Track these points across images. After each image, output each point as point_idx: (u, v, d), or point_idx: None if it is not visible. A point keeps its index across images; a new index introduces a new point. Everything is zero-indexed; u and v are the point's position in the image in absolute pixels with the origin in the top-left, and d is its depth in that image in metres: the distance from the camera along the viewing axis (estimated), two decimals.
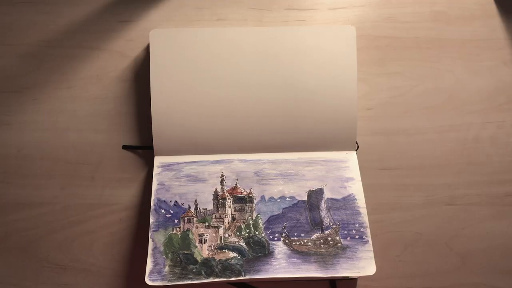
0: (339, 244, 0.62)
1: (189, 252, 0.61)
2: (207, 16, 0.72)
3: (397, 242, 0.65)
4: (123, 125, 0.68)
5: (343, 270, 0.60)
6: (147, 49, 0.70)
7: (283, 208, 0.64)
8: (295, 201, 0.64)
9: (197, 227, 0.62)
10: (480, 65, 0.72)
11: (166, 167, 0.65)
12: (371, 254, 0.61)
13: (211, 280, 0.59)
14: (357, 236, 0.62)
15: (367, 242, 0.62)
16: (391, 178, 0.67)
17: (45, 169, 0.66)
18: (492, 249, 0.65)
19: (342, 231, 0.62)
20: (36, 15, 0.71)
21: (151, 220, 0.62)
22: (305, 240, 0.62)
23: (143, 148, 0.67)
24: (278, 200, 0.64)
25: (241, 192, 0.64)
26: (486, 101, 0.71)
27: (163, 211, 0.63)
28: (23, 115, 0.68)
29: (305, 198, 0.64)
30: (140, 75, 0.70)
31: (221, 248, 0.61)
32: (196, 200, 0.64)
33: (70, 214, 0.64)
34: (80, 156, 0.67)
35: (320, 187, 0.65)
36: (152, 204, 0.63)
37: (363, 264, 0.60)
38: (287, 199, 0.64)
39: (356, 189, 0.65)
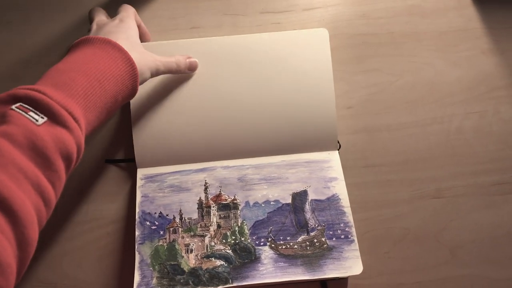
0: (325, 245, 0.61)
1: (176, 262, 0.60)
2: (182, 25, 0.71)
3: (386, 239, 0.64)
4: (105, 139, 0.68)
5: (330, 271, 0.59)
6: None
7: (268, 213, 0.63)
8: (280, 205, 0.63)
9: (183, 237, 0.62)
10: (458, 56, 0.71)
11: (149, 178, 0.65)
12: (357, 253, 0.60)
13: None
14: (342, 236, 0.61)
15: (352, 241, 0.61)
16: (376, 175, 0.67)
17: None
18: (481, 240, 0.64)
19: (328, 232, 0.62)
20: (9, 35, 0.70)
21: (137, 233, 0.62)
22: (291, 243, 0.61)
23: (126, 161, 0.67)
24: (263, 205, 0.63)
25: (226, 199, 0.64)
26: (467, 92, 0.70)
27: (148, 223, 0.62)
28: None
29: (289, 201, 0.64)
30: None
31: (207, 256, 0.61)
32: (180, 210, 0.63)
33: (57, 232, 0.64)
34: None
35: (304, 189, 0.64)
36: (137, 217, 0.62)
37: (349, 263, 0.60)
38: (272, 203, 0.64)
39: (340, 188, 0.64)
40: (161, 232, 0.62)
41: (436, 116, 0.69)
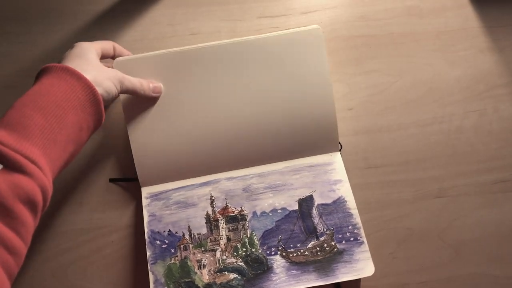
0: (335, 249, 0.61)
1: (190, 279, 0.60)
2: (180, 32, 0.71)
3: (390, 240, 0.64)
4: (109, 156, 0.67)
5: (342, 275, 0.59)
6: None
7: (276, 221, 0.62)
8: (287, 212, 0.63)
9: (194, 253, 0.61)
10: (457, 55, 0.71)
11: (154, 197, 0.64)
12: (368, 254, 0.60)
13: None
14: (352, 238, 0.61)
15: (362, 243, 0.61)
16: (378, 176, 0.66)
17: None
18: (485, 238, 0.64)
19: (337, 235, 0.61)
20: (9, 46, 0.69)
21: (148, 253, 0.61)
22: (301, 250, 0.61)
23: (129, 181, 0.66)
24: (270, 214, 0.63)
25: (233, 211, 0.63)
26: (466, 91, 0.70)
27: (158, 242, 0.62)
28: None
29: (296, 207, 0.63)
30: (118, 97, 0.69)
31: (220, 271, 0.60)
32: (189, 226, 0.62)
33: (62, 241, 0.63)
34: (67, 185, 0.66)
35: (309, 194, 0.64)
36: (146, 236, 0.62)
37: (361, 265, 0.60)
38: (279, 211, 0.63)
39: (345, 191, 0.63)
40: (172, 250, 0.61)
41: (436, 115, 0.69)
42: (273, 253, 0.61)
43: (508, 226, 0.64)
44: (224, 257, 0.61)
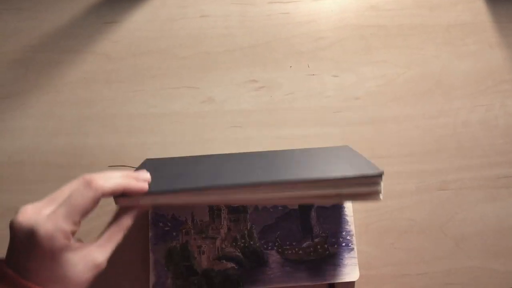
0: (327, 252, 0.61)
1: (189, 263, 0.60)
2: (191, 14, 0.70)
3: (392, 230, 0.63)
4: (112, 127, 0.67)
5: (329, 277, 0.60)
6: (132, 49, 0.69)
7: (276, 218, 0.62)
8: (287, 210, 0.63)
9: (195, 239, 0.61)
10: (466, 49, 0.70)
11: None
12: (355, 260, 0.61)
13: None
14: (343, 244, 0.62)
15: (352, 249, 0.61)
16: (382, 167, 0.65)
17: (37, 175, 0.64)
18: (486, 232, 0.64)
19: (330, 239, 0.62)
20: (20, 22, 0.68)
21: (150, 234, 0.61)
22: (296, 249, 0.61)
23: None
24: (271, 210, 0.63)
25: None
26: (474, 85, 0.69)
27: (161, 224, 0.61)
28: (12, 121, 0.66)
29: (296, 206, 0.63)
30: (126, 76, 0.68)
31: (219, 258, 0.61)
32: (192, 213, 0.62)
33: None
34: (71, 160, 0.65)
35: None
36: (149, 217, 0.62)
37: (348, 270, 0.61)
38: (280, 207, 0.63)
39: None
40: (174, 234, 0.61)
41: (443, 109, 0.68)
42: (269, 247, 0.61)
43: (509, 221, 0.64)
44: (223, 246, 0.61)
